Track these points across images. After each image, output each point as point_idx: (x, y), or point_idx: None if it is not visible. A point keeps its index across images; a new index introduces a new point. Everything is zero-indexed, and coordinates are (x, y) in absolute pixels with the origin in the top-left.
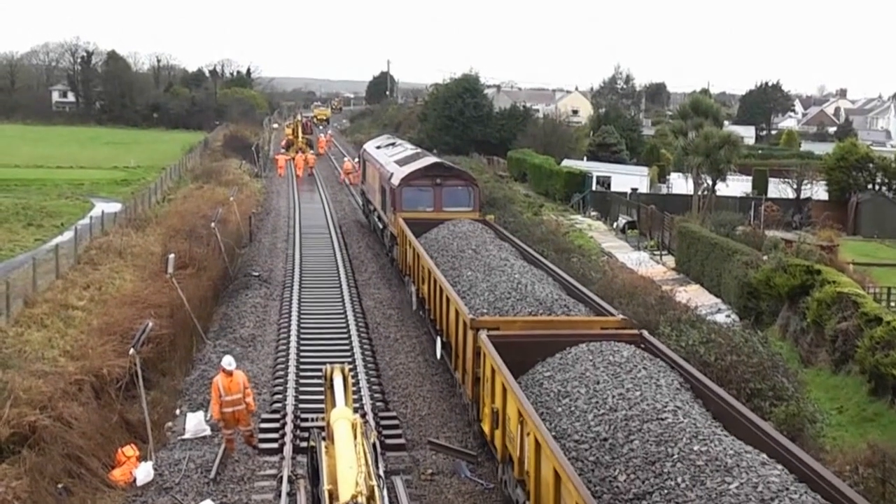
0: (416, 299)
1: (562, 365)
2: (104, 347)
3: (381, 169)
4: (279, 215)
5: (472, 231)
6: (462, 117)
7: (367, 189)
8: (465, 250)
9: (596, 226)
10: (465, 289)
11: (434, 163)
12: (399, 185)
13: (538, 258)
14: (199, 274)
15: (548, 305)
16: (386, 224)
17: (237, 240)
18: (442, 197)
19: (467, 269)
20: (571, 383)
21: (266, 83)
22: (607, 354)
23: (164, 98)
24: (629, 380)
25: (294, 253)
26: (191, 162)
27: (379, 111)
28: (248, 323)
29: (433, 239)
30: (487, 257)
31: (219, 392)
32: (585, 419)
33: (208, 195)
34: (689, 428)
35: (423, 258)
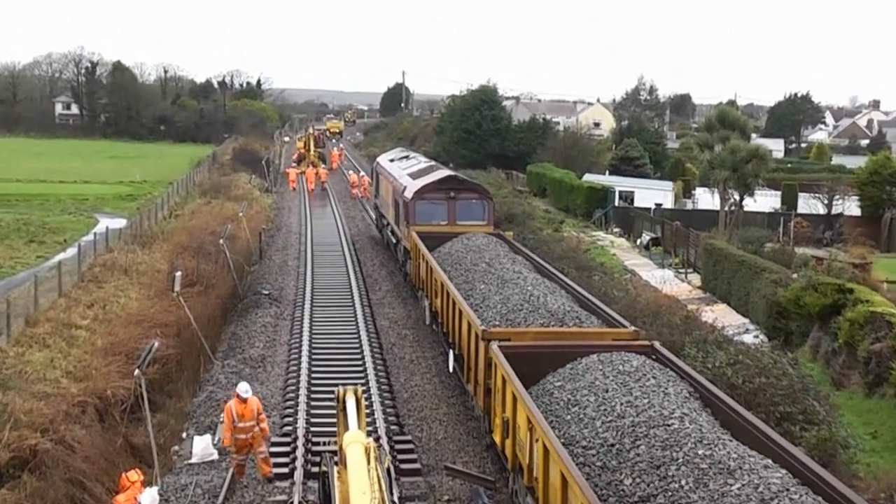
0: (429, 313)
1: (572, 375)
2: (108, 368)
3: (394, 182)
4: (290, 231)
5: (485, 244)
6: (479, 130)
7: (381, 203)
8: (478, 263)
9: (618, 243)
10: (477, 301)
11: (448, 176)
12: (412, 198)
13: (552, 271)
14: (207, 292)
15: (560, 317)
16: (399, 238)
17: (247, 257)
18: (456, 210)
19: (480, 283)
20: (581, 392)
21: (277, 95)
22: (617, 364)
23: (171, 110)
24: (637, 388)
25: (305, 270)
26: (199, 176)
27: (393, 124)
28: (258, 343)
29: (447, 253)
30: (501, 270)
31: (232, 418)
32: (594, 426)
33: (217, 211)
34: (694, 433)
35: (436, 272)
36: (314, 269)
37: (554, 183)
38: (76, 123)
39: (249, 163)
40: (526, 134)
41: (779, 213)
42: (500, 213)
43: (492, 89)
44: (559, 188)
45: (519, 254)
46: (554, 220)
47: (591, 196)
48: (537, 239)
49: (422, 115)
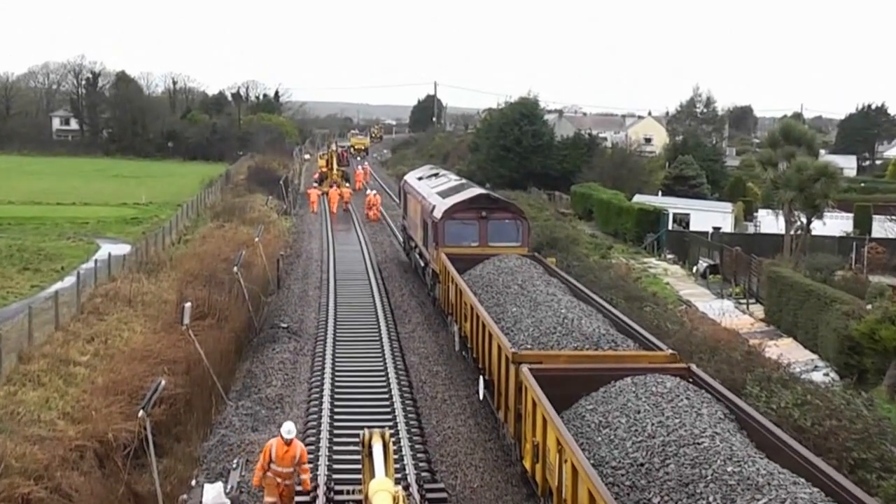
0: (458, 339)
1: (605, 398)
2: (110, 409)
3: (422, 202)
4: (311, 258)
5: (518, 266)
6: (519, 147)
7: (409, 224)
8: (510, 286)
9: (672, 270)
10: (509, 325)
11: (479, 194)
12: (441, 218)
13: (588, 294)
14: (219, 325)
15: (594, 340)
16: (428, 261)
17: (263, 286)
18: (488, 231)
19: (512, 306)
20: (612, 414)
21: (297, 108)
22: (651, 386)
23: (180, 125)
24: (670, 409)
25: (328, 301)
26: (210, 197)
27: (424, 140)
28: (276, 381)
29: (477, 275)
30: (534, 293)
31: (269, 457)
32: (624, 447)
33: (230, 235)
34: (724, 451)
35: (465, 294)
36: (337, 299)
37: (601, 205)
38: (75, 139)
39: (266, 183)
40: (570, 151)
41: (851, 238)
42: (541, 238)
43: (532, 102)
44: (607, 210)
45: (554, 276)
46: (601, 245)
47: (641, 219)
48: (582, 266)
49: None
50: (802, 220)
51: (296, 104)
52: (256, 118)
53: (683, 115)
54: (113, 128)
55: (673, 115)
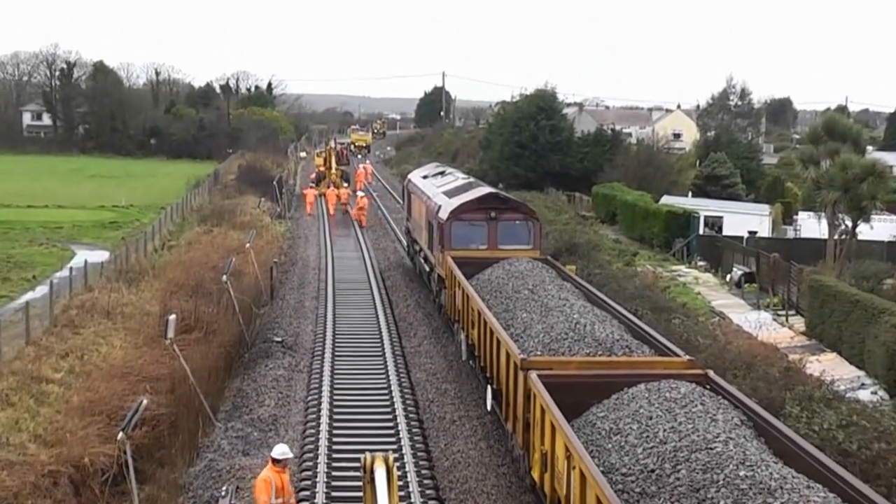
0: (465, 348)
1: (617, 405)
2: (86, 431)
3: (427, 202)
4: (307, 266)
5: (529, 270)
6: (535, 144)
7: (413, 226)
8: (520, 291)
9: (704, 279)
10: (518, 331)
11: (488, 194)
12: (447, 219)
13: (603, 299)
14: (207, 339)
15: (607, 346)
16: (433, 265)
17: (255, 297)
18: (497, 233)
19: (522, 311)
20: (624, 420)
21: (292, 101)
22: (664, 392)
23: (163, 120)
24: (683, 414)
25: (326, 313)
26: (197, 199)
27: (431, 136)
28: (269, 401)
29: (486, 280)
30: (545, 297)
31: (270, 492)
32: (634, 453)
33: (219, 241)
34: (737, 455)
35: (472, 299)
36: (336, 310)
37: (625, 207)
38: (48, 136)
39: (258, 183)
40: (591, 148)
41: None
42: (559, 244)
43: (550, 94)
44: (632, 213)
45: (568, 280)
46: (625, 251)
47: (670, 222)
48: (605, 274)
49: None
50: (847, 224)
51: (291, 97)
52: (247, 112)
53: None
54: (90, 123)
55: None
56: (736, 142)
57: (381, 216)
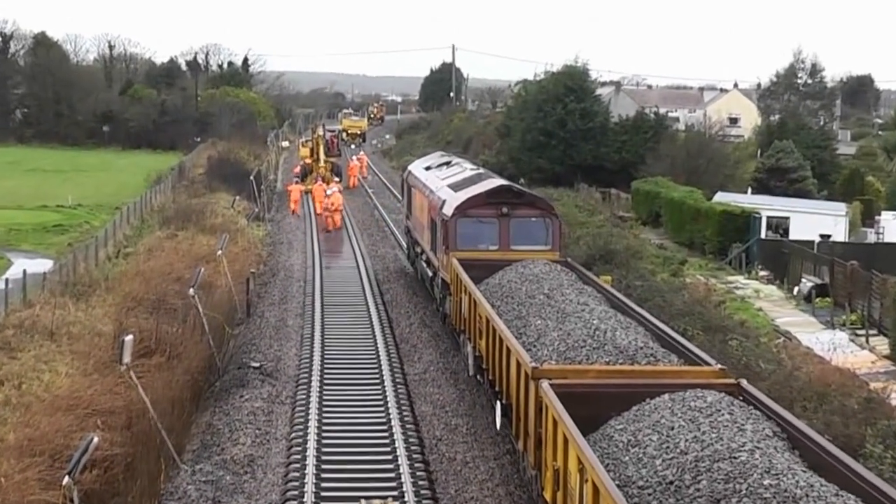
0: (472, 361)
1: (637, 417)
2: (24, 474)
3: (430, 196)
4: (291, 277)
5: (546, 273)
6: (563, 131)
7: (413, 225)
8: (535, 296)
9: (766, 292)
10: (531, 339)
11: (500, 186)
12: (453, 215)
13: (628, 304)
14: (170, 365)
15: (630, 354)
16: (436, 269)
17: (228, 314)
18: (510, 231)
19: (536, 318)
20: (643, 432)
21: (272, 81)
22: (689, 401)
23: (118, 103)
24: (707, 424)
25: (313, 333)
26: (159, 198)
27: (439, 122)
28: (244, 438)
29: (496, 285)
30: (562, 302)
31: None
32: (653, 465)
33: (185, 248)
34: (762, 464)
35: (480, 305)
36: (325, 330)
37: (671, 206)
38: None
39: (232, 178)
40: (630, 136)
41: None
42: (593, 250)
43: (581, 71)
44: (679, 213)
45: (589, 284)
46: (672, 259)
47: (725, 225)
48: (647, 287)
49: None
50: None
51: (271, 76)
52: (219, 94)
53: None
54: (29, 107)
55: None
56: (805, 128)
57: (379, 217)
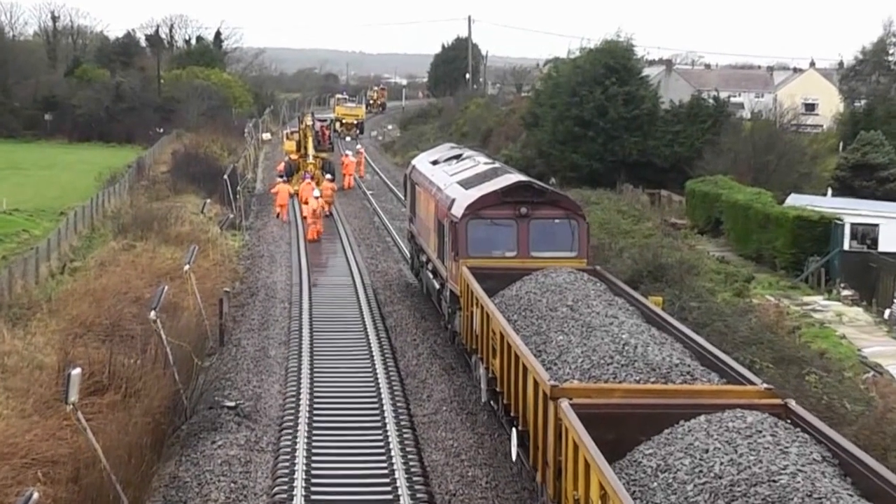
0: (485, 384)
1: (668, 440)
2: None
3: (437, 195)
4: (273, 297)
5: (570, 283)
6: (603, 120)
7: (417, 229)
8: (557, 308)
9: (851, 315)
10: (552, 357)
11: (517, 183)
12: (463, 216)
13: (664, 317)
14: (126, 404)
15: (663, 372)
16: (444, 280)
17: (197, 342)
18: (529, 235)
19: (558, 333)
20: (675, 455)
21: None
22: (727, 422)
23: (64, 87)
24: (746, 445)
25: (300, 366)
26: (113, 202)
27: (452, 110)
28: (216, 493)
29: (513, 296)
30: (588, 315)
31: None
32: (683, 491)
33: (145, 262)
34: (804, 488)
35: (494, 320)
36: (314, 363)
37: (734, 211)
38: None
39: (202, 178)
40: (685, 125)
41: None
42: (640, 265)
43: (624, 48)
44: (744, 220)
45: (621, 295)
46: (735, 275)
47: (800, 234)
48: (706, 309)
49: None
50: None
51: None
52: (186, 75)
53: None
54: None
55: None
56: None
57: (379, 225)
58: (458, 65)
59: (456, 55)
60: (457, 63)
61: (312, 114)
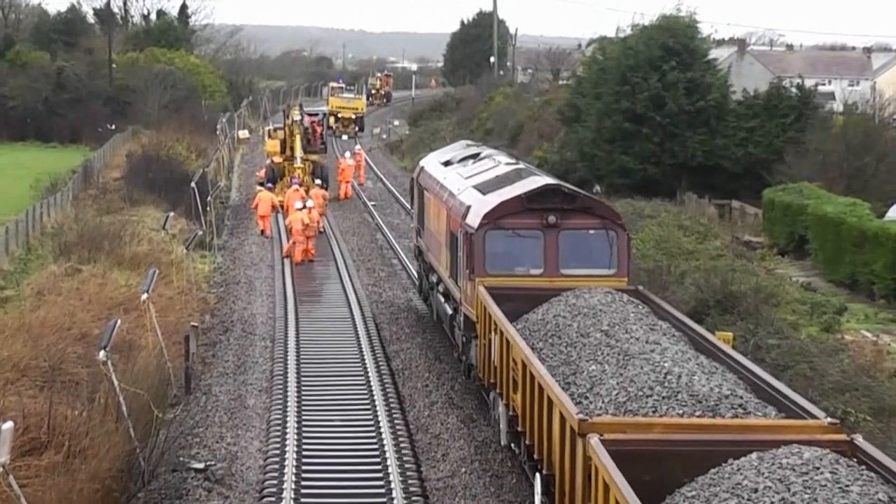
0: (504, 426)
1: (714, 481)
2: None
3: (448, 201)
4: (252, 332)
5: (606, 305)
6: (660, 113)
7: (426, 244)
8: (589, 334)
9: None
10: (583, 391)
11: (544, 186)
12: (480, 226)
13: (717, 344)
14: (69, 466)
15: (710, 405)
16: (458, 303)
17: (158, 389)
18: (558, 248)
19: (590, 362)
20: (720, 496)
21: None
22: (781, 458)
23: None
24: (800, 484)
25: (286, 419)
26: (54, 215)
27: (473, 101)
28: None
29: (539, 321)
30: (626, 342)
31: None
32: None
33: (93, 290)
34: None
35: (515, 347)
36: (302, 414)
37: (823, 226)
38: None
39: (164, 186)
40: (762, 120)
41: None
42: (707, 293)
43: (686, 25)
44: (835, 237)
45: (666, 319)
46: (824, 306)
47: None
48: (787, 348)
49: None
50: None
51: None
52: (144, 59)
53: None
54: None
55: None
56: None
57: (383, 244)
58: (480, 46)
59: (478, 34)
60: (479, 44)
61: (301, 106)
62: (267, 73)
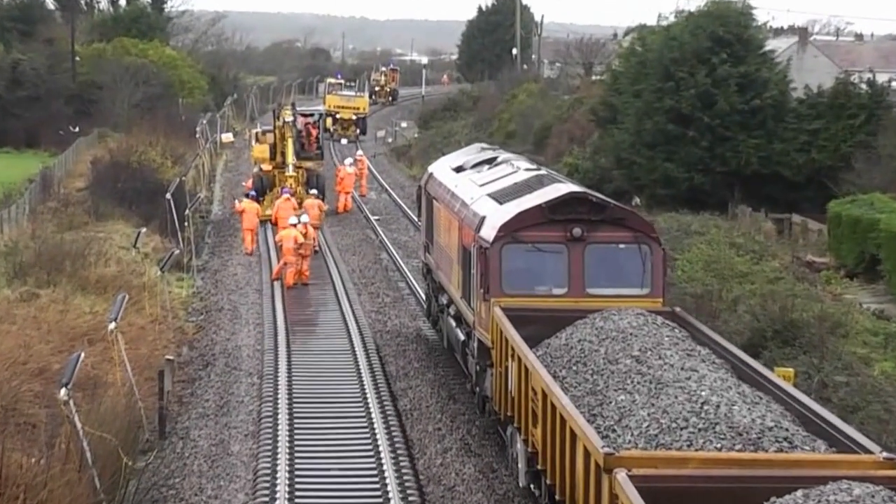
0: (522, 465)
1: None
2: None
3: (460, 212)
4: (237, 368)
5: (638, 328)
6: (709, 113)
7: (435, 260)
8: (618, 360)
9: None
10: (610, 423)
11: (568, 195)
12: (496, 240)
13: (763, 372)
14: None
15: (752, 438)
16: (471, 327)
17: (127, 434)
18: (584, 265)
19: (619, 391)
20: None
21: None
22: (829, 495)
23: None
24: None
25: (275, 469)
26: (8, 231)
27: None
28: None
29: (562, 346)
30: (659, 368)
31: None
32: None
33: (52, 318)
34: None
35: (535, 375)
36: (295, 462)
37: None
38: None
39: (135, 197)
40: (827, 121)
41: None
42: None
43: (739, 12)
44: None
45: (705, 345)
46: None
47: None
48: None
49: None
50: None
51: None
52: (112, 51)
53: None
54: None
55: None
56: None
57: (388, 265)
58: (500, 36)
59: (498, 23)
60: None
61: (293, 106)
62: (254, 67)
